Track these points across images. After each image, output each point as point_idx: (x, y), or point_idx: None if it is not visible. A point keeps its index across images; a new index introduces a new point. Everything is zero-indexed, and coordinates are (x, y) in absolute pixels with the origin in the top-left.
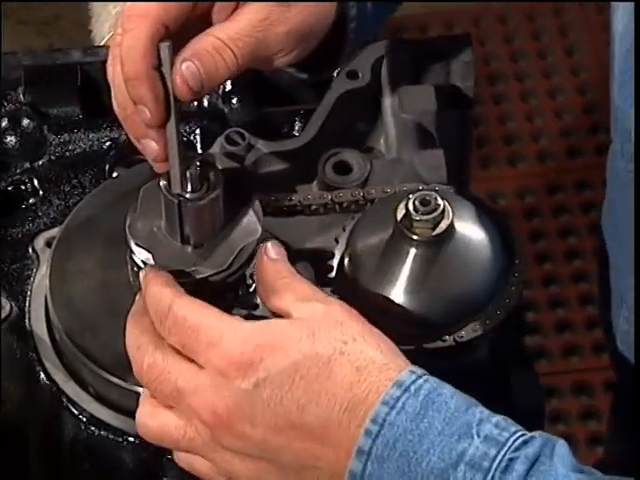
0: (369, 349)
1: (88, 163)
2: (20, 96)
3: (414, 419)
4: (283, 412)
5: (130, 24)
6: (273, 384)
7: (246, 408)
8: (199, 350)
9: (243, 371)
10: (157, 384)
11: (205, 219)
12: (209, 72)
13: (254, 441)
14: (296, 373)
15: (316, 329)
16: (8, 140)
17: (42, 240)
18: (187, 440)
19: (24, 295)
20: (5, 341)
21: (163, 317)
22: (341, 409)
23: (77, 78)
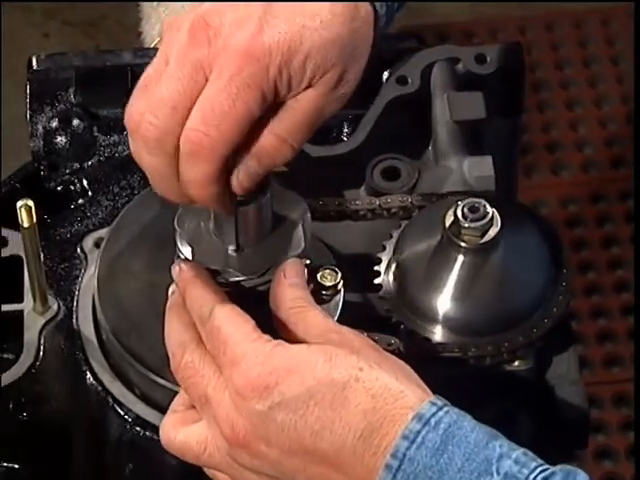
0: (385, 376)
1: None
2: (71, 97)
3: (434, 454)
4: (297, 437)
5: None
6: (287, 409)
7: (261, 429)
8: (224, 365)
9: (259, 393)
10: (190, 384)
11: (251, 223)
12: (268, 168)
13: (269, 461)
14: (310, 399)
15: (333, 355)
16: (58, 140)
17: (91, 240)
18: (207, 456)
19: (72, 295)
20: (53, 340)
21: (204, 321)
22: (355, 437)
23: (127, 79)
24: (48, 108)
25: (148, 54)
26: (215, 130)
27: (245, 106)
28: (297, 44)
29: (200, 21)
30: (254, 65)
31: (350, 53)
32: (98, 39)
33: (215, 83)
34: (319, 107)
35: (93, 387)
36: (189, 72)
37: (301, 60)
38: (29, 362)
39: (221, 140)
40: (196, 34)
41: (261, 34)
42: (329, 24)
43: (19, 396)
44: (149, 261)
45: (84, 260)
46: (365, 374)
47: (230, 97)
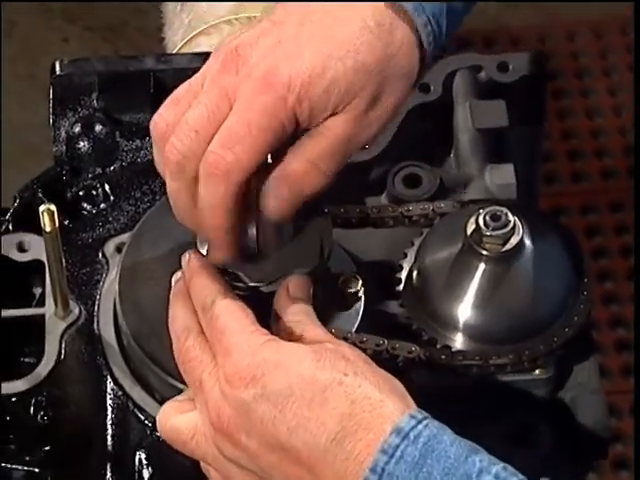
0: (368, 385)
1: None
2: (94, 102)
3: (413, 469)
4: (274, 431)
5: (209, 183)
6: (269, 401)
7: (243, 419)
8: (218, 353)
9: (245, 382)
10: (188, 367)
11: (269, 230)
12: (299, 195)
13: (249, 453)
14: (291, 395)
15: (322, 357)
16: (81, 145)
17: (112, 245)
18: (194, 443)
19: (93, 299)
20: (74, 345)
21: (206, 309)
22: (328, 439)
23: (150, 85)
24: (71, 113)
25: (170, 60)
26: (231, 154)
27: (261, 133)
28: (319, 73)
29: (232, 51)
30: (271, 94)
31: (382, 78)
32: (118, 44)
33: (235, 109)
34: (349, 133)
35: (114, 392)
36: (215, 99)
37: (322, 89)
38: (50, 366)
39: (237, 164)
40: (227, 63)
41: (283, 63)
42: (357, 52)
43: (40, 400)
44: (170, 266)
45: (105, 265)
46: (349, 379)
47: (246, 123)
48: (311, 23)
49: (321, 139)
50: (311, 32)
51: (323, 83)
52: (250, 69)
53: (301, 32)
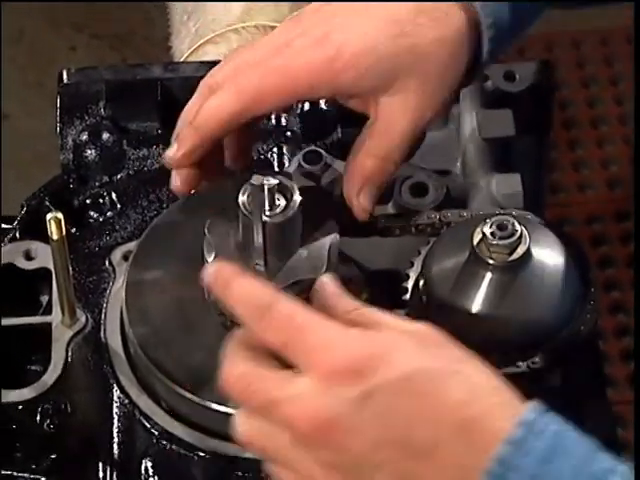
0: (480, 372)
1: (166, 178)
2: (101, 110)
3: (541, 463)
4: (389, 426)
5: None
6: (382, 396)
7: (348, 419)
8: (303, 351)
9: (350, 379)
10: (248, 394)
11: (275, 239)
12: (379, 189)
13: (350, 455)
14: (407, 387)
15: (426, 344)
16: (88, 153)
17: (119, 253)
18: (274, 449)
19: (100, 308)
20: (80, 353)
21: (264, 312)
22: (451, 429)
23: (157, 93)
24: (78, 122)
25: (177, 68)
26: (259, 81)
27: (297, 81)
28: (369, 47)
29: (294, 18)
30: (320, 53)
31: (434, 63)
32: (125, 53)
33: (284, 55)
34: (416, 130)
35: (120, 400)
36: (269, 47)
37: (370, 63)
38: (56, 374)
39: (259, 92)
40: (288, 23)
41: (336, 31)
42: (410, 33)
43: (46, 408)
44: (177, 274)
45: (112, 273)
46: (462, 367)
47: (288, 66)
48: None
49: (385, 133)
50: (367, 7)
51: (371, 58)
52: (306, 29)
53: (358, 7)
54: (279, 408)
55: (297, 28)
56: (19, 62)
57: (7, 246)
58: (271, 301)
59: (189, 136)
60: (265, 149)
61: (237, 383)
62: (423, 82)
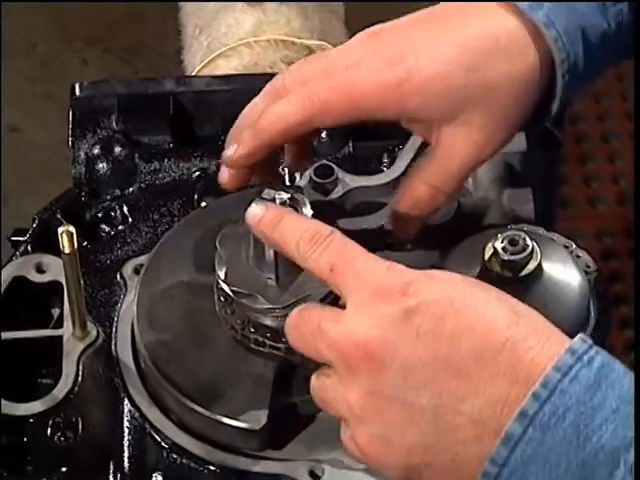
0: (523, 304)
1: (177, 192)
2: (113, 124)
3: (587, 391)
4: (432, 344)
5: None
6: (425, 313)
7: (390, 337)
8: (351, 272)
9: (394, 298)
10: (301, 325)
11: None
12: (426, 217)
13: (392, 377)
14: (451, 307)
15: (475, 281)
16: (100, 167)
17: (130, 267)
18: (322, 377)
19: (111, 321)
20: (91, 366)
21: (319, 239)
22: (496, 348)
23: (169, 107)
24: (90, 135)
25: (190, 82)
26: (326, 92)
27: (363, 97)
28: (441, 76)
29: (373, 33)
30: (390, 73)
31: (504, 97)
32: (136, 66)
33: (356, 68)
34: (470, 154)
35: (131, 413)
36: (340, 57)
37: (440, 91)
38: (68, 388)
39: (326, 104)
40: (362, 37)
41: (409, 55)
42: (483, 67)
43: (57, 421)
44: (189, 288)
45: (123, 286)
46: (505, 297)
47: (356, 81)
48: (445, 25)
49: (443, 163)
50: (446, 34)
51: (441, 86)
52: (381, 48)
53: (434, 32)
54: (326, 333)
55: (373, 45)
56: (29, 74)
57: (19, 259)
58: (330, 231)
59: (250, 138)
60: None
61: (294, 318)
62: (489, 118)
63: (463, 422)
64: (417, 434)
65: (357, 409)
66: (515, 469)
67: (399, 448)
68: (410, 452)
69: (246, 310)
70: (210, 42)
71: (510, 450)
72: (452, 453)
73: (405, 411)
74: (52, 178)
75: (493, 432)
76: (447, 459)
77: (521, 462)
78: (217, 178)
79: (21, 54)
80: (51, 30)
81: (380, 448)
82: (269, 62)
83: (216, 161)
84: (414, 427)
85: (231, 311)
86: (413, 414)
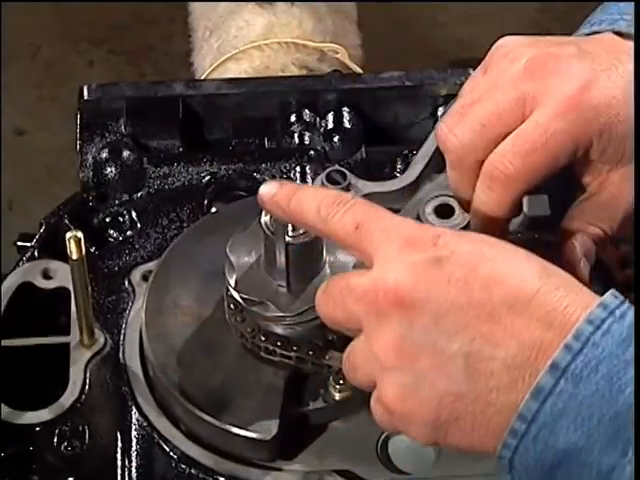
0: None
1: (187, 197)
2: (121, 127)
3: (620, 344)
4: (464, 290)
5: (490, 186)
6: (456, 262)
7: (421, 282)
8: (377, 228)
9: (424, 247)
10: (330, 287)
11: (298, 260)
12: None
13: (423, 322)
14: (483, 256)
15: (499, 239)
16: (108, 171)
17: (138, 273)
18: (351, 344)
19: (119, 328)
20: (98, 374)
21: (340, 202)
22: (529, 294)
23: (178, 111)
24: (98, 139)
25: (199, 86)
26: (521, 162)
27: (555, 149)
28: (624, 114)
29: (541, 58)
30: (577, 114)
31: None
32: (143, 69)
33: (535, 118)
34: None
35: (139, 422)
36: (511, 100)
37: (624, 132)
38: (75, 396)
39: (523, 174)
40: (534, 69)
41: (592, 88)
42: None
43: (64, 430)
44: (198, 295)
45: (132, 293)
46: (533, 254)
47: (545, 135)
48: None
49: (613, 208)
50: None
51: (624, 126)
52: (556, 84)
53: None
54: (355, 288)
55: (549, 79)
56: (36, 77)
57: (25, 265)
58: (353, 195)
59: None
60: (288, 168)
61: (323, 286)
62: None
63: (496, 368)
64: (448, 382)
65: (386, 360)
66: (544, 424)
67: (429, 399)
68: (440, 403)
69: (257, 318)
70: (220, 45)
71: (540, 403)
72: (483, 403)
73: (436, 358)
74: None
75: (527, 378)
76: (477, 410)
77: (551, 416)
78: (227, 183)
79: (25, 56)
80: (55, 31)
81: (408, 401)
82: (280, 65)
83: (226, 166)
84: (445, 375)
85: (241, 319)
86: (444, 361)
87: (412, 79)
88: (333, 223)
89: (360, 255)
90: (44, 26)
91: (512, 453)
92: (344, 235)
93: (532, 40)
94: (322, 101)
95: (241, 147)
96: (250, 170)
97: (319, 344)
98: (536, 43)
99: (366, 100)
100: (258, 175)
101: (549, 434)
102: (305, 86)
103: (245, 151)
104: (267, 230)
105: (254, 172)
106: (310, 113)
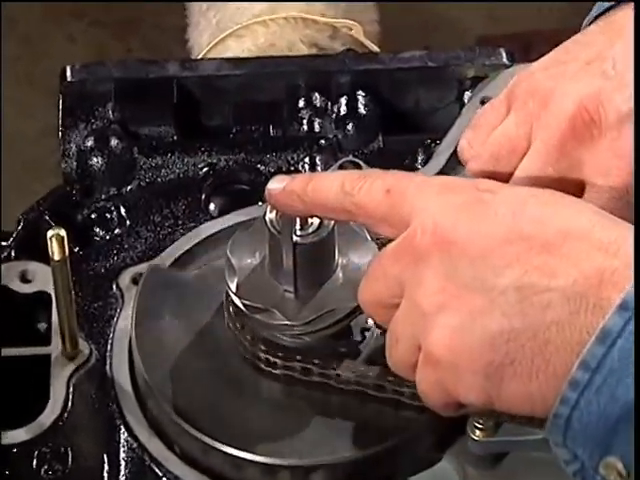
0: None
1: (182, 191)
2: (109, 112)
3: None
4: (513, 223)
5: None
6: (502, 200)
7: (464, 219)
8: (410, 187)
9: (465, 190)
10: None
11: (307, 262)
12: None
13: (467, 259)
14: (530, 193)
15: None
16: (94, 162)
17: (128, 277)
18: (387, 281)
19: (106, 338)
20: (83, 389)
21: (371, 172)
22: (585, 226)
23: (172, 94)
24: (83, 125)
25: (196, 66)
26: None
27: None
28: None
29: (583, 114)
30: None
31: None
32: (131, 43)
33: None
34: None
35: (128, 443)
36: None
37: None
38: (56, 414)
39: None
40: (576, 128)
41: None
42: None
43: (44, 452)
44: (193, 303)
45: (120, 299)
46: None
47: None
48: None
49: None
50: None
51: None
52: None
53: None
54: (392, 248)
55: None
56: (9, 54)
57: (1, 267)
58: (378, 170)
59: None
60: (296, 159)
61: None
62: None
63: (554, 299)
64: (500, 319)
65: (429, 306)
66: (610, 372)
67: (479, 341)
68: (492, 344)
69: (260, 327)
70: (220, 19)
71: (608, 347)
72: (541, 340)
73: (484, 295)
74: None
75: (590, 310)
76: (535, 349)
77: (619, 362)
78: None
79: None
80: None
81: (457, 346)
82: (287, 43)
83: (226, 156)
84: (495, 312)
85: (241, 326)
86: (494, 298)
87: (435, 59)
88: (360, 195)
89: (394, 228)
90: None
91: (571, 409)
92: (374, 206)
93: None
94: (334, 84)
95: (243, 135)
96: (253, 161)
97: (328, 353)
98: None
99: (384, 83)
100: (262, 167)
101: (616, 384)
102: (315, 67)
103: (247, 140)
104: (272, 228)
105: (257, 163)
106: (321, 97)
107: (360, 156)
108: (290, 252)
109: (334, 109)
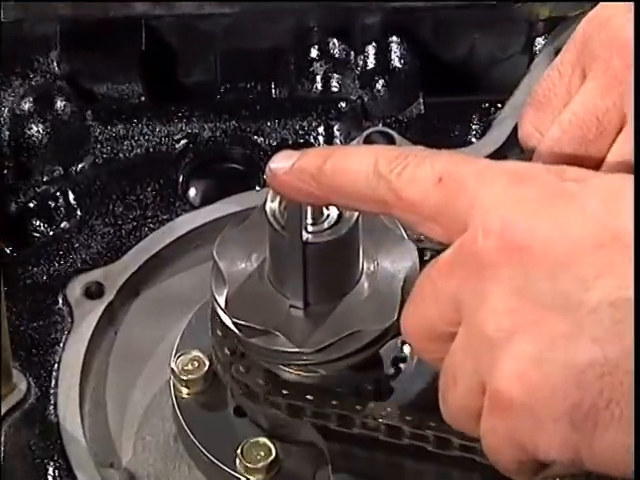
0: None
1: (153, 171)
2: (53, 64)
3: None
4: (605, 221)
5: None
6: (592, 192)
7: (539, 216)
8: (471, 173)
9: (543, 179)
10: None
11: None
12: None
13: (545, 268)
14: (626, 181)
15: None
16: (33, 131)
17: (79, 286)
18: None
19: (49, 369)
20: (18, 437)
21: (409, 150)
22: None
23: (140, 39)
24: (19, 82)
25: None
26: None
27: None
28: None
29: None
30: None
31: None
32: None
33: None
34: None
35: None
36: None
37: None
38: None
39: None
40: None
41: None
42: None
43: None
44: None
45: (68, 316)
46: None
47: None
48: None
49: None
50: None
51: None
52: None
53: None
54: (445, 258)
55: None
56: None
57: None
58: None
59: None
60: (306, 128)
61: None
62: None
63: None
64: (591, 348)
65: (497, 330)
66: None
67: (563, 375)
68: (581, 380)
69: (257, 355)
70: None
71: None
72: None
73: (570, 317)
74: None
75: None
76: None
77: None
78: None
79: None
80: None
81: (534, 382)
82: None
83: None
84: (585, 338)
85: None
86: (582, 318)
87: None
88: (401, 182)
89: (447, 229)
90: None
91: None
92: (421, 198)
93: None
94: (358, 27)
95: (234, 96)
96: (248, 131)
97: (349, 392)
98: None
99: (426, 26)
100: (260, 138)
101: None
102: (333, 4)
103: (240, 102)
104: (275, 222)
105: (254, 134)
106: (340, 45)
107: (394, 125)
108: (298, 254)
109: (358, 61)
